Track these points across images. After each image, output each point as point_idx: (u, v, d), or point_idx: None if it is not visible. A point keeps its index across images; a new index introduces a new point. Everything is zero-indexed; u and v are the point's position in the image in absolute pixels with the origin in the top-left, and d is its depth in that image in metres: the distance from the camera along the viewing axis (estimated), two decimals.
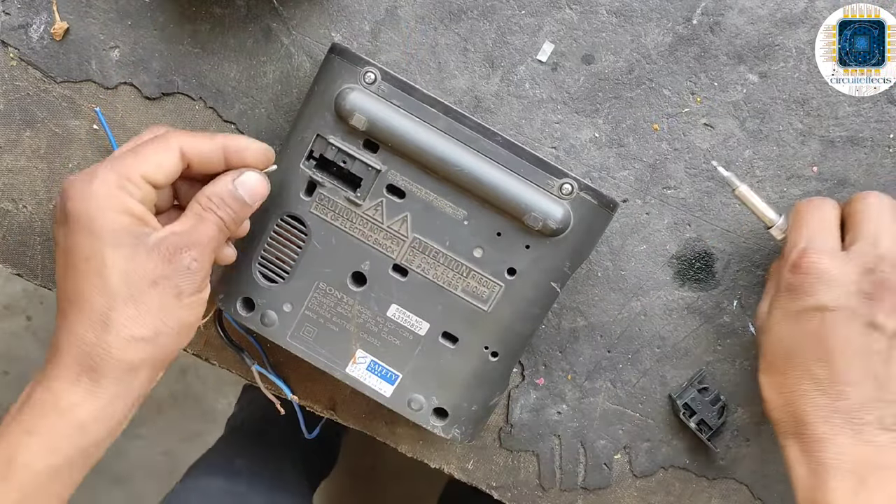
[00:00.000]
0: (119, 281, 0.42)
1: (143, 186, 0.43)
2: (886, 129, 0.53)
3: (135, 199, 0.43)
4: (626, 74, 0.53)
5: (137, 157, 0.43)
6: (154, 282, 0.42)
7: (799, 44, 0.52)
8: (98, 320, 0.42)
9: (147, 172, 0.43)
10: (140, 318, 0.42)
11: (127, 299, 0.42)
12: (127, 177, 0.42)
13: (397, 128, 0.47)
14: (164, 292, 0.42)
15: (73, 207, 0.42)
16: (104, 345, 0.42)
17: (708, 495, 0.58)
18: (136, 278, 0.42)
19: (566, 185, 0.47)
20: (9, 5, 0.55)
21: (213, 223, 0.44)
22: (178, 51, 0.55)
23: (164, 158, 0.44)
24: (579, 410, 0.58)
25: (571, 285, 0.56)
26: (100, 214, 0.42)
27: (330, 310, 0.51)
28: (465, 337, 0.51)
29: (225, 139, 0.45)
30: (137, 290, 0.42)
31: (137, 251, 0.42)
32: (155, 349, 0.43)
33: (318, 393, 0.59)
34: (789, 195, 0.54)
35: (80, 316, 0.42)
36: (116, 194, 0.42)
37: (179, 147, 0.44)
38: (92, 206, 0.42)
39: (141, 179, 0.43)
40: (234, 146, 0.45)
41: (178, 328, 0.44)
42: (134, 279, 0.42)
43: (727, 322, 0.56)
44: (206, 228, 0.44)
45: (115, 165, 0.43)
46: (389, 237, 0.50)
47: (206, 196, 0.45)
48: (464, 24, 0.53)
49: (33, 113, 0.56)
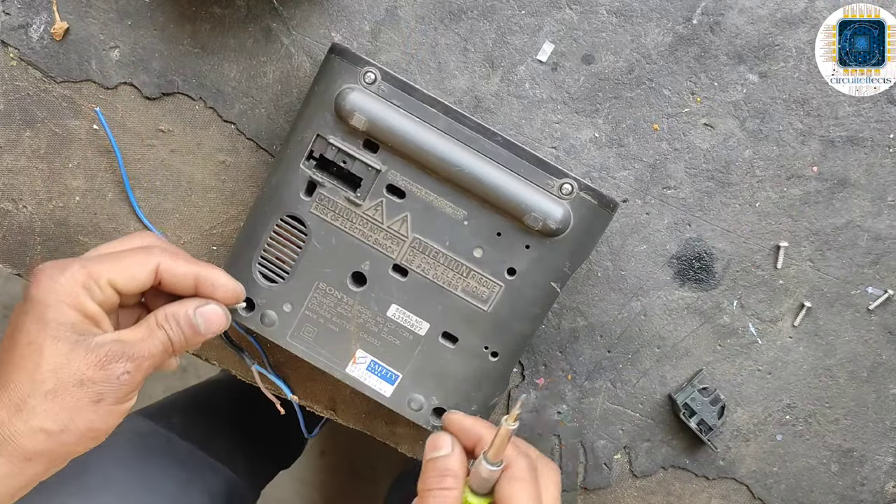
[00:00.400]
0: (48, 373, 0.43)
1: (107, 290, 0.45)
2: (886, 129, 0.53)
3: (94, 300, 0.44)
4: (626, 74, 0.53)
5: (113, 263, 0.45)
6: (80, 382, 0.43)
7: (799, 44, 0.52)
8: (14, 402, 0.43)
9: (116, 280, 0.45)
10: (51, 413, 0.43)
11: (48, 392, 0.43)
12: (95, 279, 0.44)
13: (397, 128, 0.47)
14: (84, 394, 0.43)
15: (34, 293, 0.44)
16: (11, 428, 0.42)
17: (708, 495, 0.58)
18: (65, 375, 0.43)
19: (566, 185, 0.47)
20: (9, 5, 0.55)
21: (160, 341, 0.46)
22: (178, 51, 0.55)
23: (138, 271, 0.46)
24: (579, 410, 0.58)
25: (571, 285, 0.56)
26: (54, 306, 0.43)
27: (330, 310, 0.51)
28: (465, 337, 0.51)
29: (201, 269, 0.47)
30: (61, 386, 0.43)
31: (76, 349, 0.43)
32: (55, 445, 0.43)
33: (318, 393, 0.59)
34: (789, 195, 0.54)
35: (1, 392, 0.43)
36: (77, 292, 0.44)
37: (157, 264, 0.46)
38: (51, 297, 0.43)
39: (107, 284, 0.45)
40: (207, 278, 0.47)
41: (85, 431, 0.44)
42: (62, 375, 0.43)
43: (727, 322, 0.56)
44: (151, 344, 0.45)
45: (88, 265, 0.45)
46: (389, 237, 0.50)
47: (165, 314, 0.46)
48: (464, 24, 0.53)
49: (33, 113, 0.56)
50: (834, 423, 0.57)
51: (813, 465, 0.58)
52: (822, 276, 0.55)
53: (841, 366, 0.56)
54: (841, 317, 0.55)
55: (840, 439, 0.57)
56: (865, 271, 0.55)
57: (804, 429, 0.57)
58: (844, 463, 0.57)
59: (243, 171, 0.56)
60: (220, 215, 0.57)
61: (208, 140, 0.56)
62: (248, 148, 0.56)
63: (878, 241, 0.54)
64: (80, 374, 0.43)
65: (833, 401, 0.57)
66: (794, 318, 0.56)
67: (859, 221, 0.54)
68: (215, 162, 0.56)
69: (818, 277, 0.55)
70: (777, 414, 0.57)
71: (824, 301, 0.55)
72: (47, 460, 0.44)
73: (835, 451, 0.57)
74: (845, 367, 0.56)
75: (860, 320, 0.55)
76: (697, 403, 0.55)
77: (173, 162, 0.56)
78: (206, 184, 0.56)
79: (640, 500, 0.59)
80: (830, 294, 0.55)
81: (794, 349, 0.56)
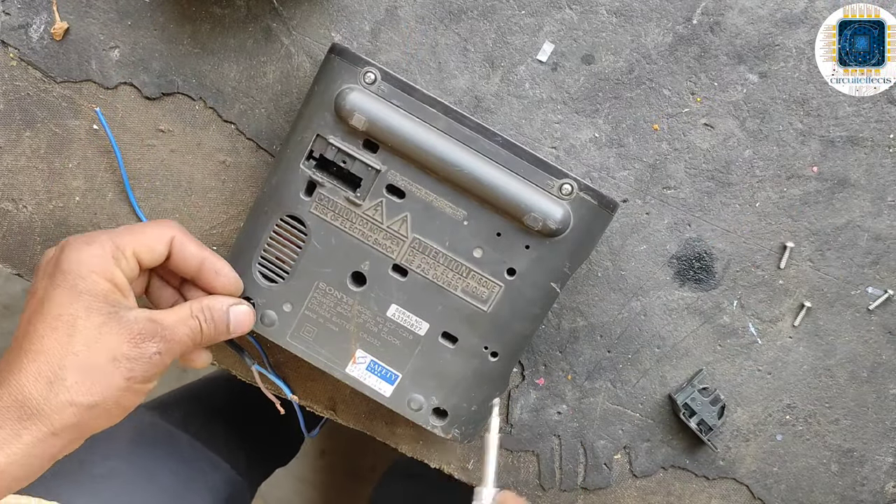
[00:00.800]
0: (82, 345, 0.43)
1: (132, 262, 0.46)
2: (886, 129, 0.53)
3: (123, 271, 0.45)
4: (626, 74, 0.53)
5: (135, 235, 0.47)
6: (114, 357, 0.43)
7: (799, 44, 0.52)
8: (46, 375, 0.42)
9: (139, 251, 0.46)
10: (84, 386, 0.43)
11: (82, 365, 0.43)
12: (122, 250, 0.45)
13: (397, 128, 0.47)
14: (117, 371, 0.43)
15: (65, 263, 0.44)
16: (42, 401, 0.42)
17: (708, 495, 0.58)
18: (98, 349, 0.43)
19: (566, 186, 0.47)
20: (9, 5, 0.55)
21: (192, 329, 0.47)
22: (178, 51, 0.55)
23: (157, 244, 0.47)
24: (579, 410, 0.58)
25: (571, 285, 0.56)
26: (87, 277, 0.44)
27: (330, 310, 0.51)
28: (464, 337, 0.51)
29: (209, 255, 0.49)
30: (95, 361, 0.43)
31: (109, 323, 0.44)
32: (84, 419, 0.43)
33: (318, 393, 0.59)
34: (789, 195, 0.54)
35: (30, 365, 0.42)
36: (108, 262, 0.45)
37: (172, 237, 0.48)
38: (83, 268, 0.44)
39: (132, 255, 0.46)
40: (213, 265, 0.49)
41: (113, 407, 0.44)
42: (96, 348, 0.43)
43: (727, 322, 0.56)
44: (183, 331, 0.46)
45: (114, 237, 0.46)
46: (389, 237, 0.50)
47: (202, 305, 0.48)
48: (464, 24, 0.53)
49: (33, 113, 0.56)
50: (834, 423, 0.57)
51: (813, 465, 0.58)
52: (823, 277, 0.55)
53: (841, 366, 0.56)
54: (841, 317, 0.55)
55: (840, 439, 0.57)
56: (865, 271, 0.55)
57: (804, 429, 0.57)
58: (844, 463, 0.57)
59: (243, 171, 0.56)
60: (220, 215, 0.57)
61: (208, 140, 0.56)
62: (248, 148, 0.56)
63: (878, 241, 0.54)
64: (113, 349, 0.43)
65: (833, 401, 0.57)
66: (794, 318, 0.56)
67: (859, 221, 0.54)
68: (215, 162, 0.56)
69: (818, 277, 0.55)
70: (777, 414, 0.57)
71: (824, 301, 0.55)
72: (72, 435, 0.43)
73: (835, 451, 0.57)
74: (845, 367, 0.56)
75: (860, 320, 0.55)
76: (697, 403, 0.55)
77: (173, 162, 0.56)
78: (206, 184, 0.56)
79: (640, 501, 0.58)
80: (830, 294, 0.55)
81: (794, 349, 0.56)
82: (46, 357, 0.43)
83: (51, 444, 0.43)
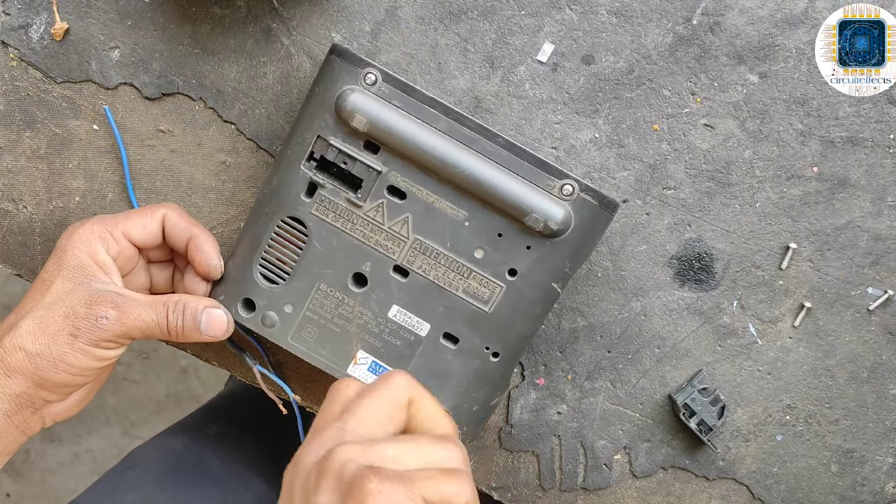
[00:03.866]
0: (46, 303, 0.48)
1: (122, 241, 0.50)
2: (886, 130, 0.53)
3: (109, 251, 0.50)
4: (626, 75, 0.53)
5: (127, 216, 0.51)
6: (66, 314, 0.48)
7: (799, 44, 0.52)
8: (10, 322, 0.49)
9: (129, 231, 0.50)
10: (33, 335, 0.47)
11: (38, 317, 0.48)
12: (110, 230, 0.50)
13: (398, 129, 0.47)
14: (65, 325, 0.47)
15: (60, 241, 0.50)
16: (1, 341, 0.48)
17: (708, 495, 0.58)
18: (57, 307, 0.48)
19: (567, 186, 0.48)
20: (9, 5, 0.55)
21: (156, 315, 0.49)
22: (178, 51, 0.55)
23: (148, 221, 0.51)
24: (579, 410, 0.58)
25: (571, 285, 0.56)
26: (72, 251, 0.49)
27: (331, 311, 0.51)
28: (466, 338, 0.51)
29: (198, 231, 0.51)
30: (50, 315, 0.48)
31: (77, 289, 0.48)
32: (31, 367, 0.47)
33: (319, 393, 0.59)
34: (789, 195, 0.54)
35: (7, 314, 0.49)
36: (92, 241, 0.49)
37: (163, 215, 0.51)
38: (70, 244, 0.49)
39: (121, 235, 0.50)
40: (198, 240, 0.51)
41: (57, 360, 0.47)
42: (55, 306, 0.48)
43: (727, 322, 0.56)
44: (146, 312, 0.49)
45: (106, 219, 0.50)
46: (390, 238, 0.50)
47: (179, 298, 0.50)
48: (464, 24, 0.53)
49: (33, 113, 0.56)
50: (834, 423, 0.57)
51: (813, 466, 0.58)
52: (823, 277, 0.55)
53: (841, 366, 0.56)
54: (841, 317, 0.55)
55: (840, 440, 0.57)
56: (865, 272, 0.55)
57: (804, 429, 0.57)
58: (844, 463, 0.57)
59: (243, 172, 0.56)
60: (220, 216, 0.57)
61: (208, 140, 0.56)
62: (248, 148, 0.56)
63: (879, 242, 0.54)
64: (68, 307, 0.48)
65: (833, 401, 0.57)
66: (794, 318, 0.56)
67: (859, 222, 0.54)
68: (215, 162, 0.56)
69: (818, 278, 0.55)
70: (777, 414, 0.57)
71: (824, 301, 0.55)
72: (24, 381, 0.48)
73: (835, 452, 0.57)
74: (845, 367, 0.56)
75: (860, 321, 0.55)
76: (697, 404, 0.55)
77: (173, 162, 0.56)
78: (206, 184, 0.56)
79: (640, 501, 0.59)
80: (830, 294, 0.55)
81: (794, 349, 0.56)
82: (17, 310, 0.49)
83: (4, 384, 0.48)
